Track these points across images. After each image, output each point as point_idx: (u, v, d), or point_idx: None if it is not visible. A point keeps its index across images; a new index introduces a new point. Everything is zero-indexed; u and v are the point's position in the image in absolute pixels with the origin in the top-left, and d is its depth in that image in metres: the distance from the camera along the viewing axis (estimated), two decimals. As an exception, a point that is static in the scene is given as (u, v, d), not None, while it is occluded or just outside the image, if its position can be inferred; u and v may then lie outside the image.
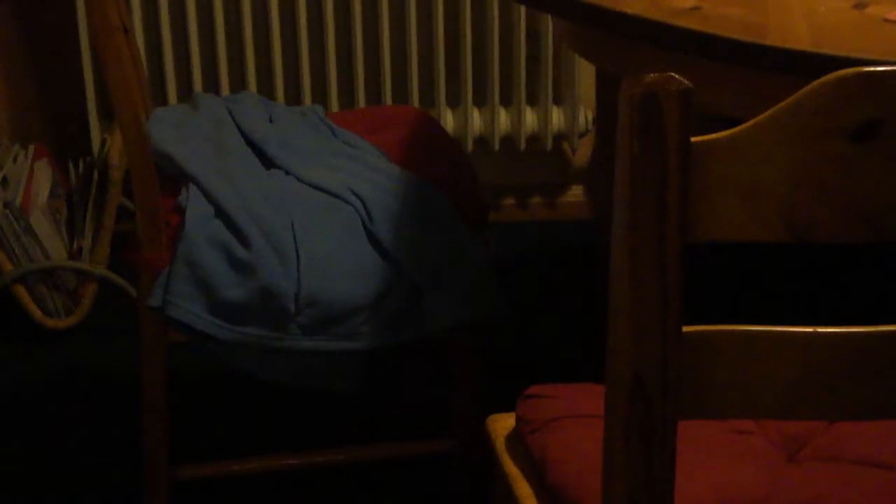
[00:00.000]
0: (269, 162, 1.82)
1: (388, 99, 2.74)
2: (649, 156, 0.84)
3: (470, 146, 2.79)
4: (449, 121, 2.77)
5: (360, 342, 1.67)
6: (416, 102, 2.73)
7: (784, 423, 1.28)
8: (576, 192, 2.99)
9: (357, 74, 2.70)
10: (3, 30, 2.70)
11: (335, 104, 2.71)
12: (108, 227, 2.46)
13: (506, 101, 2.80)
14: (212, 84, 2.68)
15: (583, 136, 2.85)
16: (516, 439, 1.31)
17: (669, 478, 0.93)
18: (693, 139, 0.84)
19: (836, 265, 2.65)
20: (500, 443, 1.31)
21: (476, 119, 2.79)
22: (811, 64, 1.29)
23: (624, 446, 0.92)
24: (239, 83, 2.69)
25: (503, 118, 2.80)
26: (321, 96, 2.72)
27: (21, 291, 2.40)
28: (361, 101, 2.72)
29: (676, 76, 0.82)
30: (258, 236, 1.65)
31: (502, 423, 1.33)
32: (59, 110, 2.77)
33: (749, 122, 0.84)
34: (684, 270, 0.87)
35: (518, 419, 1.31)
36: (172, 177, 1.76)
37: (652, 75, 0.82)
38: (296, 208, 1.70)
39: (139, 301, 1.75)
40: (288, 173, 1.79)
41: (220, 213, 1.68)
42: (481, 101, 2.80)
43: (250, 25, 2.65)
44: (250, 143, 1.85)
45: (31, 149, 2.59)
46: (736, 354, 0.90)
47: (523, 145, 2.81)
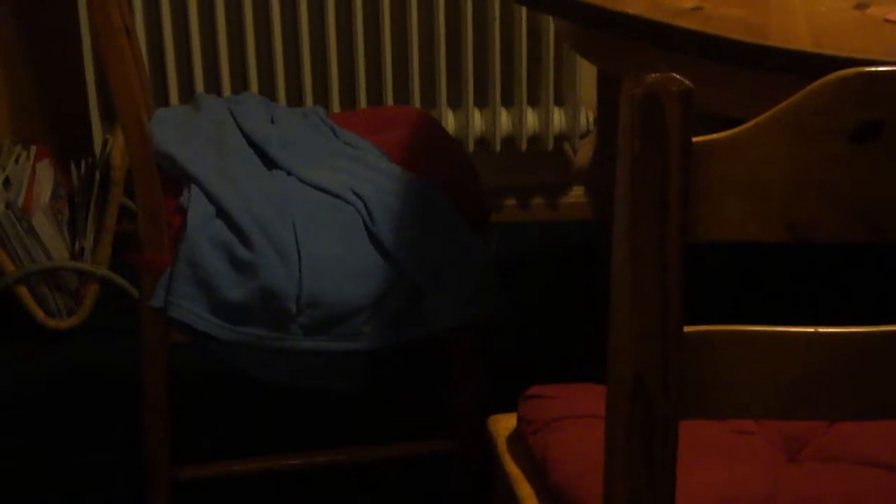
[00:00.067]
0: (270, 162, 1.82)
1: (390, 100, 2.74)
2: (650, 156, 0.84)
3: (471, 147, 2.79)
4: (450, 121, 2.77)
5: (361, 342, 1.67)
6: (418, 103, 2.73)
7: (785, 423, 1.28)
8: (577, 193, 2.99)
9: (358, 75, 2.71)
10: (5, 31, 2.70)
11: (336, 105, 2.71)
12: (110, 228, 2.47)
13: (507, 102, 2.80)
14: (213, 85, 2.68)
15: (584, 136, 2.85)
16: (517, 439, 1.31)
17: (670, 478, 0.93)
18: (694, 139, 0.84)
19: (836, 265, 2.65)
20: (502, 443, 1.32)
21: (477, 120, 2.79)
22: (812, 64, 1.29)
23: (625, 446, 0.92)
24: (240, 84, 2.69)
25: (504, 119, 2.80)
26: (322, 97, 2.72)
27: (23, 292, 2.40)
28: (363, 101, 2.72)
29: (677, 76, 0.82)
30: (260, 237, 1.65)
31: (503, 424, 1.34)
32: (60, 111, 2.77)
33: (750, 123, 0.84)
34: (685, 270, 0.87)
35: (519, 419, 1.31)
36: (174, 177, 1.76)
37: (653, 76, 0.82)
38: (297, 209, 1.71)
39: (141, 301, 1.76)
40: (289, 174, 1.79)
41: (222, 213, 1.68)
42: (482, 101, 2.80)
43: (252, 26, 2.65)
44: (252, 143, 1.86)
45: (33, 150, 2.60)
46: (737, 354, 0.90)
47: (524, 146, 2.82)
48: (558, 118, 2.81)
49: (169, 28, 2.63)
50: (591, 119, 2.82)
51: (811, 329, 0.89)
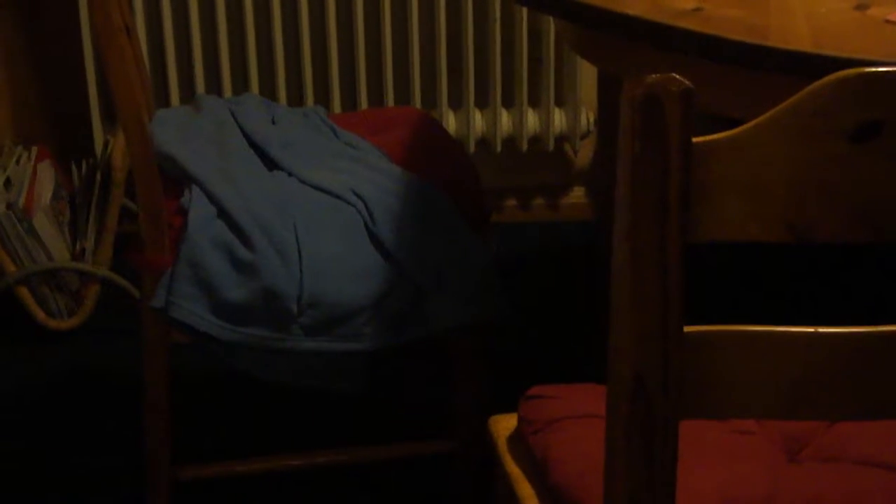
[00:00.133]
0: (271, 163, 1.82)
1: (391, 100, 2.74)
2: (651, 156, 0.84)
3: (472, 147, 2.79)
4: (451, 122, 2.77)
5: (362, 343, 1.67)
6: (419, 104, 2.73)
7: (785, 423, 1.28)
8: (577, 194, 2.99)
9: (359, 76, 2.71)
10: (6, 31, 2.71)
11: (337, 105, 2.71)
12: (111, 229, 2.47)
13: (508, 103, 2.80)
14: (214, 85, 2.68)
15: (584, 137, 2.85)
16: (518, 440, 1.31)
17: (670, 478, 0.93)
18: (694, 140, 0.84)
19: (837, 265, 2.65)
20: (502, 443, 1.32)
21: (478, 120, 2.79)
22: (812, 65, 1.29)
23: (625, 446, 0.92)
24: (241, 84, 2.69)
25: (505, 119, 2.80)
26: (323, 98, 2.72)
27: (24, 293, 2.40)
28: (363, 102, 2.72)
29: (678, 77, 0.82)
30: (260, 237, 1.65)
31: (504, 424, 1.34)
32: (61, 112, 2.77)
33: (750, 123, 0.84)
34: (685, 270, 0.87)
35: (520, 420, 1.31)
36: (175, 178, 1.76)
37: (653, 76, 0.82)
38: (298, 209, 1.71)
39: (142, 302, 1.76)
40: (290, 174, 1.79)
41: (223, 214, 1.69)
42: (483, 102, 2.80)
43: (253, 27, 2.65)
44: (253, 144, 1.86)
45: (34, 150, 2.60)
46: (737, 354, 0.90)
47: (525, 146, 2.82)
48: (559, 119, 2.81)
49: (170, 28, 2.63)
50: (591, 120, 2.82)
51: (811, 329, 0.89)
